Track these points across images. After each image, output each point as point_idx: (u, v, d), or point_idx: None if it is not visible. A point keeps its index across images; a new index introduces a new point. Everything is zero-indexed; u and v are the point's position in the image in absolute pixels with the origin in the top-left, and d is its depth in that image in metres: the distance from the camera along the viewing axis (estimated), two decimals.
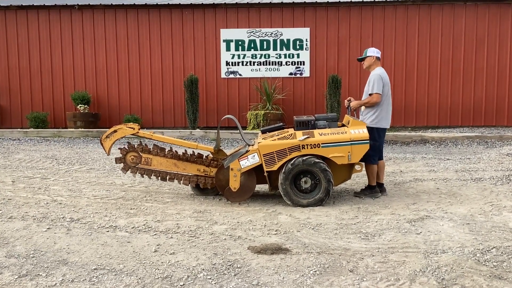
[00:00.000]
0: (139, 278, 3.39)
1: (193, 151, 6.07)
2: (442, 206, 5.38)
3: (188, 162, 5.91)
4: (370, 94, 5.90)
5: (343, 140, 5.43)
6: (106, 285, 3.28)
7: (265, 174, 5.56)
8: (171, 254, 3.86)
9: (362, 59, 6.17)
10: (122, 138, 6.03)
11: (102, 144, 5.94)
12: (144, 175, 5.91)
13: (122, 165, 5.95)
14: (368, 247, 4.02)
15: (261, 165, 5.52)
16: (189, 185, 5.95)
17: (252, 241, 4.20)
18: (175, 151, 5.98)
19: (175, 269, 3.56)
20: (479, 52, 13.35)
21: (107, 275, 3.45)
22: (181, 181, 5.88)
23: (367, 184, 6.13)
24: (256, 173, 5.65)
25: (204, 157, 6.00)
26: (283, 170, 5.40)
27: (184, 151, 6.00)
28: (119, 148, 6.04)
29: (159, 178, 5.89)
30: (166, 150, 5.93)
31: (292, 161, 5.38)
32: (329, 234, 4.40)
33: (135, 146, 5.90)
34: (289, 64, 13.57)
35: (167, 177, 5.88)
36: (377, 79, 5.83)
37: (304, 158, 5.37)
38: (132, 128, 5.88)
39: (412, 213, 5.07)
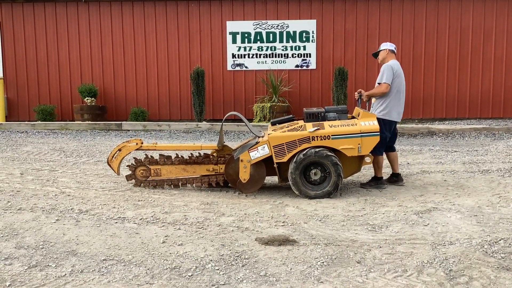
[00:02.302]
0: (148, 269, 3.41)
1: (199, 153, 6.11)
2: (450, 198, 5.37)
3: (196, 164, 5.96)
4: (378, 83, 5.90)
5: (353, 132, 5.42)
6: (115, 275, 3.30)
7: (275, 165, 5.57)
8: (179, 245, 3.88)
9: (377, 54, 6.18)
10: (127, 154, 6.15)
11: (109, 165, 6.12)
12: (157, 186, 6.01)
13: (133, 181, 6.09)
14: (375, 238, 4.02)
15: (270, 157, 5.53)
16: (202, 186, 5.99)
17: (260, 232, 4.22)
18: (181, 156, 6.03)
19: (183, 260, 3.58)
20: (487, 44, 13.23)
21: (116, 265, 3.48)
22: (194, 184, 5.96)
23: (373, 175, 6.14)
24: (265, 164, 5.66)
25: (210, 155, 6.03)
26: (294, 160, 5.40)
27: (190, 154, 6.04)
28: (127, 166, 6.16)
29: (172, 186, 5.99)
30: (173, 157, 6.01)
31: (305, 152, 5.38)
32: (336, 225, 4.41)
33: (142, 160, 6.01)
34: (295, 57, 13.52)
35: (180, 183, 5.97)
36: (387, 69, 5.84)
37: (317, 149, 5.37)
38: (135, 143, 6.05)
39: (420, 205, 5.06)
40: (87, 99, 12.89)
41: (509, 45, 13.18)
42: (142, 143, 6.07)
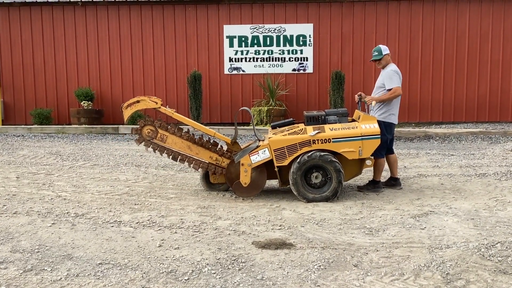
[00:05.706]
0: (144, 273, 3.39)
1: (209, 138, 6.04)
2: (447, 202, 5.37)
3: (202, 147, 5.85)
4: (388, 90, 5.86)
5: (354, 135, 5.41)
6: (111, 279, 3.28)
7: (276, 169, 5.55)
8: (176, 249, 3.87)
9: (379, 60, 6.05)
10: (142, 110, 5.97)
11: (122, 111, 5.89)
12: (157, 151, 5.84)
13: (137, 137, 5.87)
14: (372, 242, 4.01)
15: (270, 160, 5.51)
16: (199, 170, 5.92)
17: (256, 236, 4.21)
18: (192, 134, 5.92)
19: (179, 263, 3.56)
20: (483, 47, 13.29)
21: (112, 269, 3.46)
22: (192, 165, 5.84)
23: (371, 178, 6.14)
24: (266, 168, 5.64)
25: (219, 146, 5.97)
26: (298, 160, 5.38)
27: (200, 136, 5.95)
28: (137, 120, 6.00)
29: (171, 157, 5.84)
30: (183, 131, 5.88)
31: (310, 154, 5.36)
32: (333, 229, 4.40)
33: (154, 121, 5.86)
34: (292, 60, 13.54)
35: (178, 158, 5.83)
36: (394, 74, 5.85)
37: (322, 153, 5.36)
38: (155, 102, 5.82)
39: (416, 209, 5.06)
40: (84, 103, 12.87)
41: (506, 48, 13.24)
42: (162, 104, 5.88)
